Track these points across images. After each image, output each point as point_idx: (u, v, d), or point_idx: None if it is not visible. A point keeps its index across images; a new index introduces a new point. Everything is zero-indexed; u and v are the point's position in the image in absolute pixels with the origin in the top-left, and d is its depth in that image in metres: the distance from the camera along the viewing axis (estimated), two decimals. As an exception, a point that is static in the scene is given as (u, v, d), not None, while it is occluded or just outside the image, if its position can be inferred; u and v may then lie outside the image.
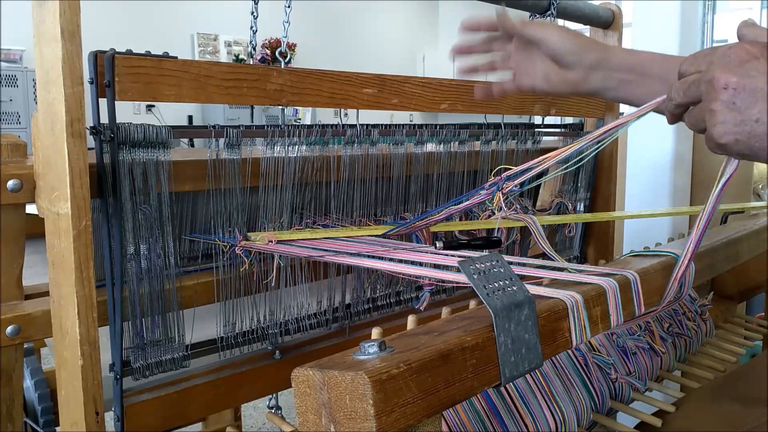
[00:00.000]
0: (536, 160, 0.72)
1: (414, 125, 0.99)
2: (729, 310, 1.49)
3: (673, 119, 0.62)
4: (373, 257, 0.75)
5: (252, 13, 0.84)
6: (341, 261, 0.78)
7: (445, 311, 0.81)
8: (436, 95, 1.00)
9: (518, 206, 1.15)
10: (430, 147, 1.02)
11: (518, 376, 0.52)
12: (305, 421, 0.45)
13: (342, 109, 0.90)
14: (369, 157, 0.93)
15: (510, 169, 0.74)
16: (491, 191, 0.74)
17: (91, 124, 0.69)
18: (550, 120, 1.25)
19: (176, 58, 0.73)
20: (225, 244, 0.81)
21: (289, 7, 0.85)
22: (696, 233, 0.70)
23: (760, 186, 2.05)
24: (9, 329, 0.75)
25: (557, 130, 1.33)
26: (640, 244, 1.03)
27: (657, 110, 0.68)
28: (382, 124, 0.95)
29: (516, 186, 0.73)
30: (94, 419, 0.69)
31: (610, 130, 0.70)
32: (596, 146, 0.72)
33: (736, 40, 0.58)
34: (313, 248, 0.80)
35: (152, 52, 0.72)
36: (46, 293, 0.76)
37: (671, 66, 0.79)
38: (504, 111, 1.12)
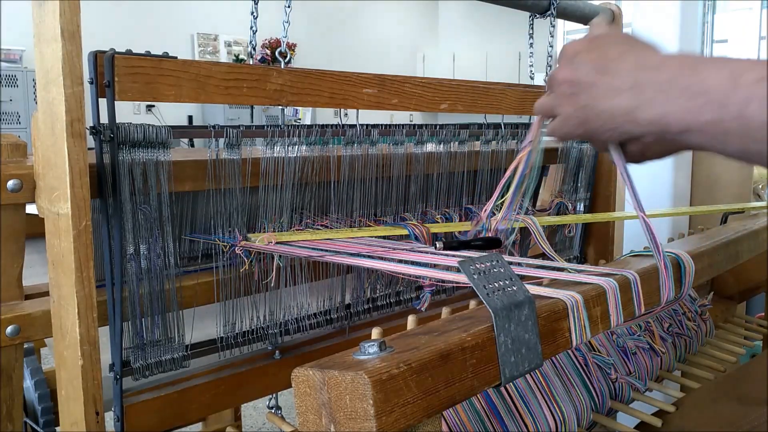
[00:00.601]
0: (500, 184, 0.76)
1: (414, 125, 0.99)
2: (729, 310, 1.49)
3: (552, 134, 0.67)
4: (373, 257, 0.75)
5: (252, 13, 0.84)
6: (341, 261, 0.78)
7: (445, 311, 0.81)
8: (436, 95, 1.00)
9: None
10: (430, 147, 1.02)
11: (518, 376, 0.52)
12: (305, 421, 0.45)
13: (342, 109, 0.90)
14: (369, 157, 0.93)
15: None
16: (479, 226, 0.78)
17: (91, 124, 0.69)
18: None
19: (176, 58, 0.73)
20: (225, 244, 0.81)
21: (289, 7, 0.85)
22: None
23: (760, 186, 2.05)
24: (9, 329, 0.75)
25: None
26: (640, 244, 1.03)
27: None
28: (382, 124, 0.95)
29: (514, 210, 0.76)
30: (94, 419, 0.69)
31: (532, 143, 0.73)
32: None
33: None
34: (312, 248, 0.80)
35: (152, 52, 0.72)
36: (46, 293, 0.76)
37: None
38: (504, 111, 1.12)
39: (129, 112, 5.91)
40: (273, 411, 0.95)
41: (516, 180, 0.74)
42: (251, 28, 0.85)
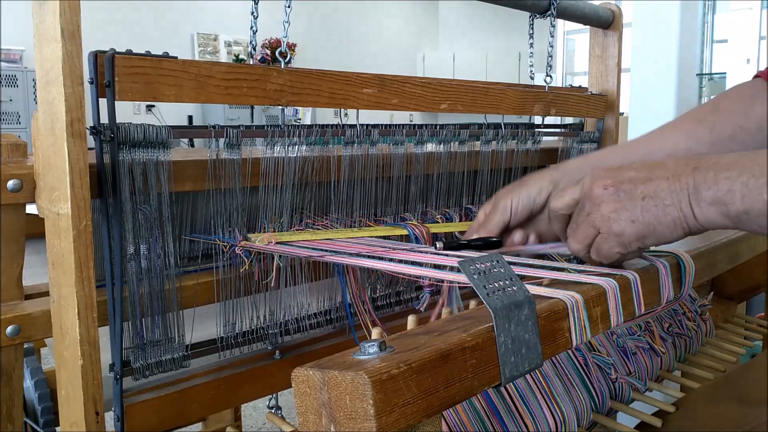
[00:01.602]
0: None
1: (414, 125, 0.99)
2: (729, 310, 1.49)
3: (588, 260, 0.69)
4: (373, 257, 0.75)
5: (252, 13, 0.84)
6: (341, 261, 0.78)
7: (445, 311, 0.81)
8: (436, 95, 1.00)
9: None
10: (430, 147, 1.02)
11: (518, 376, 0.52)
12: (305, 421, 0.45)
13: (342, 109, 0.90)
14: (369, 157, 0.93)
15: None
16: None
17: (91, 124, 0.69)
18: (550, 120, 1.25)
19: (176, 58, 0.73)
20: (225, 244, 0.81)
21: (289, 7, 0.85)
22: None
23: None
24: (9, 329, 0.75)
25: (557, 130, 1.33)
26: (640, 244, 1.03)
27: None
28: (382, 124, 0.95)
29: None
30: (94, 419, 0.69)
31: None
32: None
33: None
34: (312, 248, 0.80)
35: (152, 52, 0.72)
36: (46, 293, 0.76)
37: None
38: (504, 111, 1.12)
39: (129, 112, 5.91)
40: (273, 411, 0.95)
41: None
42: (251, 28, 0.85)
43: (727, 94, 0.85)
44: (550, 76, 1.23)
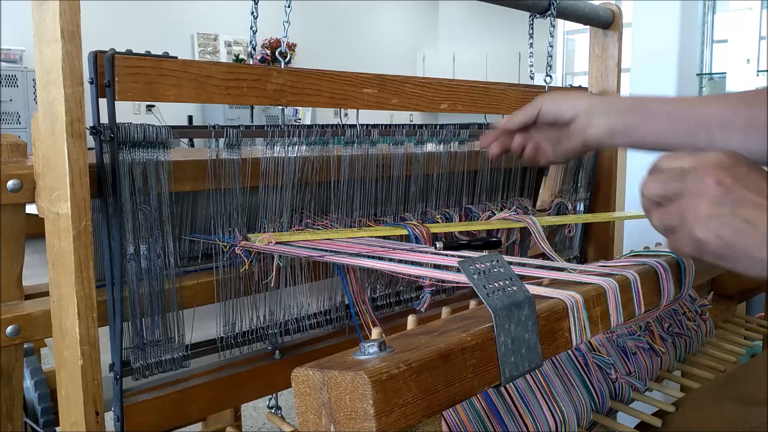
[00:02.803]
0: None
1: (414, 125, 0.99)
2: (729, 310, 1.49)
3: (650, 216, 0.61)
4: (373, 257, 0.75)
5: (252, 13, 0.84)
6: (341, 261, 0.78)
7: (445, 311, 0.81)
8: (436, 95, 1.00)
9: (518, 207, 1.15)
10: (430, 147, 1.02)
11: (518, 376, 0.52)
12: (305, 421, 0.46)
13: (342, 109, 0.90)
14: (369, 157, 0.93)
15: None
16: None
17: (91, 124, 0.69)
18: (550, 120, 1.24)
19: (176, 58, 0.73)
20: (225, 244, 0.81)
21: (289, 7, 0.85)
22: None
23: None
24: (9, 329, 0.75)
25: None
26: (640, 244, 1.03)
27: None
28: (382, 124, 0.95)
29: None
30: (94, 419, 0.69)
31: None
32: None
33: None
34: (312, 248, 0.80)
35: (152, 52, 0.72)
36: (46, 293, 0.76)
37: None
38: (504, 111, 1.12)
39: (129, 112, 5.91)
40: (273, 411, 0.95)
41: None
42: (251, 28, 0.85)
43: None
44: (550, 76, 1.23)
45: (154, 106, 6.28)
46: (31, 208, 0.76)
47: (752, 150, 0.71)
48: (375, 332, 0.69)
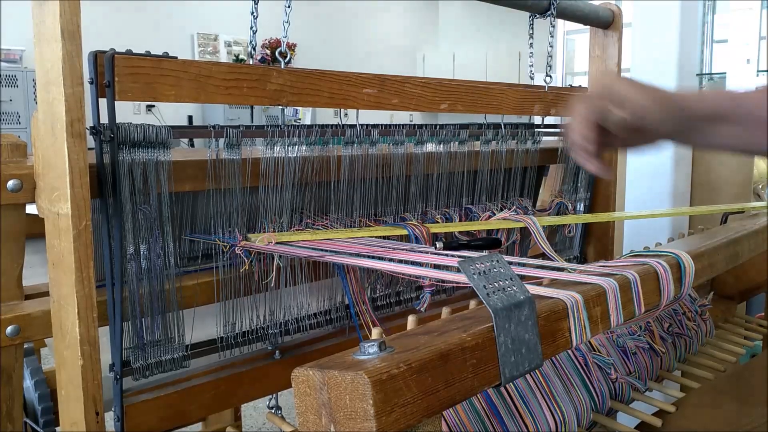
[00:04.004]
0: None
1: (414, 125, 0.99)
2: (729, 310, 1.49)
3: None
4: (373, 257, 0.75)
5: (252, 13, 0.84)
6: (341, 261, 0.78)
7: (445, 311, 0.81)
8: (436, 95, 1.00)
9: (518, 207, 1.15)
10: (430, 147, 1.02)
11: (518, 376, 0.52)
12: (305, 421, 0.45)
13: (342, 109, 0.90)
14: (369, 157, 0.93)
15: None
16: None
17: (91, 124, 0.69)
18: (550, 120, 1.25)
19: (176, 58, 0.73)
20: (225, 244, 0.81)
21: (289, 7, 0.85)
22: None
23: (760, 186, 2.05)
24: (9, 329, 0.75)
25: (557, 130, 1.33)
26: (640, 244, 1.03)
27: None
28: (382, 124, 0.95)
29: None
30: (94, 419, 0.69)
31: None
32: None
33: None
34: (312, 248, 0.80)
35: (152, 52, 0.72)
36: (46, 293, 0.76)
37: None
38: (504, 111, 1.12)
39: (129, 112, 5.90)
40: (273, 411, 0.95)
41: None
42: (251, 28, 0.85)
43: None
44: (550, 76, 1.23)
45: (154, 106, 6.28)
46: (31, 208, 0.76)
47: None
48: (375, 332, 0.69)
